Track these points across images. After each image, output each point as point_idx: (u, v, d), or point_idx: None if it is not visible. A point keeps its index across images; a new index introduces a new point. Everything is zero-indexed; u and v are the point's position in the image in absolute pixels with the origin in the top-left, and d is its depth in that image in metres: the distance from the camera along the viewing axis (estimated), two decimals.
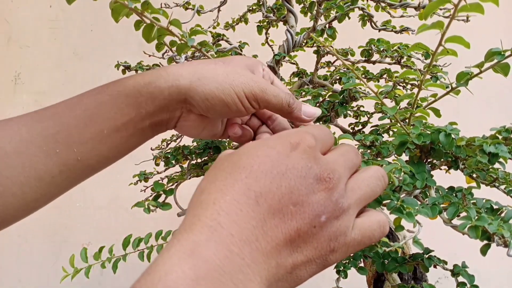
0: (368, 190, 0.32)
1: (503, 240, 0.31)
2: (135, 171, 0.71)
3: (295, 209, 0.27)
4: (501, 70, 0.36)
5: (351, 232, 0.30)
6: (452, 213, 0.36)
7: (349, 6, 0.62)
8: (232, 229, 0.26)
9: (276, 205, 0.27)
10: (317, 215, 0.28)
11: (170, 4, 0.79)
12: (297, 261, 0.28)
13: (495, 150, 0.36)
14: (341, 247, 0.29)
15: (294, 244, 0.27)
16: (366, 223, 0.31)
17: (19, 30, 1.47)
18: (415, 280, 0.59)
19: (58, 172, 0.37)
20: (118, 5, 0.40)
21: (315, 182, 0.28)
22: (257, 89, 0.40)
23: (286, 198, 0.27)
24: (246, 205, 0.27)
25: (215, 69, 0.40)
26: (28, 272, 1.32)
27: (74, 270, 0.53)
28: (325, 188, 0.29)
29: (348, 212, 0.29)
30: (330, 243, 0.29)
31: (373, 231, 0.31)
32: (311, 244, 0.28)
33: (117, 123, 0.39)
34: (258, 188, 0.27)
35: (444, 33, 0.32)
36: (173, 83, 0.39)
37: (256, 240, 0.26)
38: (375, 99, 0.40)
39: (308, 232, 0.28)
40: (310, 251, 0.28)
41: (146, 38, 0.44)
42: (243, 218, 0.26)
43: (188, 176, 0.54)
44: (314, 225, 0.28)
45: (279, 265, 0.27)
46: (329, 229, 0.28)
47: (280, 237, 0.27)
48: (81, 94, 0.40)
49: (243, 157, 0.29)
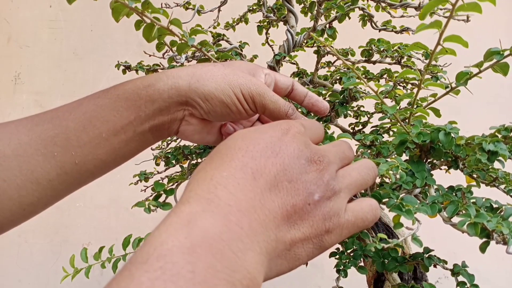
0: (359, 178, 0.33)
1: (502, 237, 0.32)
2: (135, 171, 0.71)
3: (290, 185, 0.29)
4: (500, 69, 0.36)
5: (344, 214, 0.31)
6: (452, 211, 0.36)
7: (349, 6, 0.62)
8: (230, 200, 0.26)
9: (272, 180, 0.28)
10: (311, 193, 0.29)
11: (171, 4, 0.79)
12: (295, 238, 0.28)
13: (494, 148, 0.36)
14: (335, 228, 0.30)
15: (291, 220, 0.28)
16: (358, 206, 0.32)
17: (19, 30, 1.47)
18: (415, 279, 0.59)
19: (55, 175, 0.37)
20: (118, 5, 0.40)
21: (306, 163, 0.30)
22: (255, 92, 0.40)
23: (281, 174, 0.28)
24: (243, 180, 0.27)
25: (214, 70, 0.40)
26: (28, 272, 1.32)
27: (74, 270, 0.53)
28: (316, 169, 0.30)
29: (340, 195, 0.31)
30: (325, 223, 0.29)
31: (366, 213, 0.32)
32: (307, 221, 0.29)
33: (116, 126, 0.39)
34: (254, 165, 0.28)
35: (442, 33, 0.32)
36: (172, 85, 0.39)
37: (255, 212, 0.27)
38: (375, 99, 0.40)
39: (303, 209, 0.29)
40: (306, 229, 0.29)
41: (147, 37, 0.44)
42: (240, 191, 0.27)
43: (188, 176, 0.54)
44: (308, 203, 0.29)
45: (278, 239, 0.27)
46: (323, 208, 0.29)
47: (277, 211, 0.28)
48: (81, 98, 0.40)
49: (238, 140, 0.30)
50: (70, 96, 1.44)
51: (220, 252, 0.23)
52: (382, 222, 0.63)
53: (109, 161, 0.40)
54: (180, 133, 0.43)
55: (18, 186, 0.36)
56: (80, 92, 1.46)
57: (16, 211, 0.37)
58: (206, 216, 0.25)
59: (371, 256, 0.45)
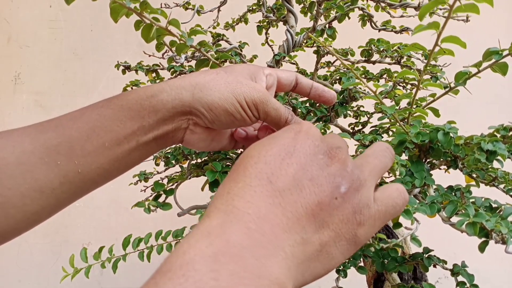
0: (377, 162, 0.32)
1: (501, 236, 0.32)
2: (135, 171, 0.71)
3: (311, 183, 0.27)
4: (499, 69, 0.36)
5: (374, 204, 0.29)
6: (451, 211, 0.36)
7: (349, 6, 0.62)
8: (248, 208, 0.25)
9: (290, 181, 0.27)
10: (337, 186, 0.28)
11: (170, 4, 0.79)
12: (325, 237, 0.27)
13: (493, 147, 0.36)
14: (367, 220, 0.28)
15: (318, 219, 0.27)
16: (385, 193, 0.30)
17: (19, 30, 1.47)
18: (415, 280, 0.59)
19: (58, 184, 0.37)
20: (116, 5, 0.40)
21: (325, 157, 0.29)
22: (258, 99, 0.41)
23: (299, 174, 0.27)
24: (259, 187, 0.27)
25: (216, 79, 0.40)
26: (28, 272, 1.32)
27: (74, 270, 0.53)
28: (338, 160, 0.29)
29: (366, 184, 0.29)
30: (356, 216, 0.28)
31: (395, 198, 0.30)
32: (337, 216, 0.27)
33: (119, 136, 0.39)
34: (268, 170, 0.27)
35: (440, 33, 0.32)
36: (175, 96, 0.39)
37: (276, 217, 0.26)
38: (375, 99, 0.40)
39: (331, 205, 0.27)
40: (337, 225, 0.27)
41: (145, 38, 0.44)
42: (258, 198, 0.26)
43: (188, 176, 0.54)
44: (335, 197, 0.27)
45: (305, 241, 0.26)
46: (351, 200, 0.28)
47: (301, 211, 0.26)
48: (84, 107, 0.40)
49: (251, 150, 0.30)
50: (70, 96, 1.44)
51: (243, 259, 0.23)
52: None
53: (113, 170, 0.40)
54: (185, 142, 0.43)
55: (22, 194, 0.36)
56: (80, 92, 1.47)
57: (20, 219, 0.37)
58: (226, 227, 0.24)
59: (370, 256, 0.45)
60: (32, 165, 0.36)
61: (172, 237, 0.52)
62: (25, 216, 0.37)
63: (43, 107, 1.43)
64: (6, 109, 1.42)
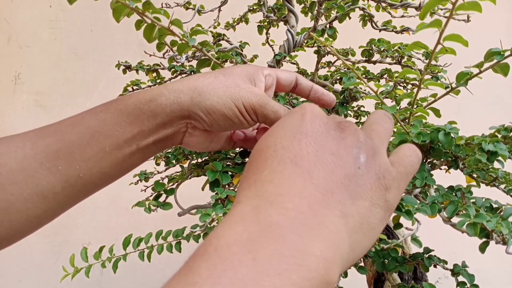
0: (381, 128, 0.32)
1: (502, 237, 0.32)
2: (135, 171, 0.71)
3: (333, 157, 0.27)
4: (501, 70, 0.36)
5: (393, 167, 0.29)
6: (451, 211, 0.36)
7: (349, 6, 0.62)
8: (281, 190, 0.25)
9: (314, 159, 0.27)
10: (356, 157, 0.28)
11: (171, 3, 0.79)
12: (361, 208, 0.27)
13: (494, 148, 0.36)
14: (392, 183, 0.28)
15: (349, 190, 0.26)
16: (399, 154, 0.31)
17: (19, 30, 1.47)
18: (415, 280, 0.59)
19: (60, 188, 0.38)
20: (119, 5, 0.40)
21: (337, 132, 0.29)
22: (256, 104, 0.41)
23: (320, 150, 0.27)
24: (286, 170, 0.26)
25: (215, 82, 0.40)
26: (28, 272, 1.32)
27: (74, 269, 0.53)
28: (349, 132, 0.29)
29: (379, 150, 0.29)
30: (381, 182, 0.28)
31: (410, 157, 0.31)
32: (365, 186, 0.27)
33: (119, 140, 0.39)
34: (290, 153, 0.27)
35: (442, 31, 0.32)
36: (174, 100, 0.39)
37: (311, 194, 0.25)
38: (376, 99, 0.40)
39: (357, 175, 0.27)
40: (368, 193, 0.27)
41: (147, 38, 0.44)
42: (288, 180, 0.26)
43: (188, 176, 0.54)
44: (358, 166, 0.27)
45: (345, 215, 0.26)
46: (372, 168, 0.28)
47: (333, 186, 0.26)
48: (83, 112, 0.40)
49: (262, 142, 0.30)
50: (70, 96, 1.44)
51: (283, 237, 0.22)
52: None
53: (114, 173, 0.41)
54: (184, 144, 0.44)
55: (25, 199, 0.36)
56: (80, 92, 1.47)
57: (24, 223, 0.37)
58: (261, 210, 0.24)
59: (371, 256, 0.45)
60: (34, 170, 0.36)
61: (172, 237, 0.52)
62: (28, 220, 0.37)
63: (43, 107, 1.43)
64: (6, 109, 1.42)
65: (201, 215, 0.40)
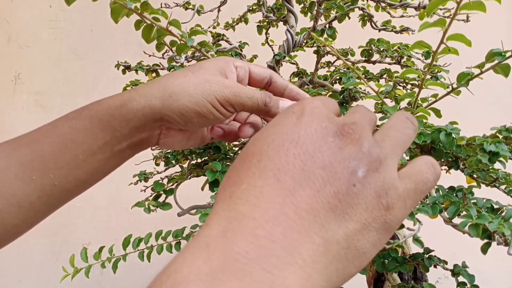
0: (399, 135, 0.28)
1: (504, 238, 0.32)
2: (135, 171, 0.71)
3: (325, 172, 0.24)
4: (502, 70, 0.36)
5: (401, 183, 0.25)
6: (453, 212, 0.36)
7: (349, 6, 0.62)
8: (254, 213, 0.22)
9: (300, 175, 0.23)
10: (353, 171, 0.24)
11: (170, 4, 0.79)
12: (349, 231, 0.23)
13: (496, 149, 0.36)
14: (396, 202, 0.25)
15: (337, 212, 0.23)
16: (413, 169, 0.27)
17: (19, 30, 1.47)
18: (415, 280, 0.59)
19: (36, 198, 0.38)
20: (117, 6, 0.40)
21: (336, 139, 0.25)
22: (230, 94, 0.40)
23: (309, 164, 0.24)
24: (266, 186, 0.23)
25: (185, 81, 0.40)
26: (28, 272, 1.32)
27: (74, 270, 0.53)
28: (351, 140, 0.25)
29: (387, 162, 0.25)
30: (381, 200, 0.24)
31: (424, 173, 0.27)
32: (359, 205, 0.24)
33: (92, 147, 0.39)
34: (273, 166, 0.24)
35: (446, 31, 0.32)
36: (145, 104, 0.39)
37: (288, 218, 0.22)
38: (376, 99, 0.40)
39: (350, 193, 0.24)
40: (361, 215, 0.24)
41: (146, 38, 0.44)
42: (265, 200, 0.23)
43: (188, 176, 0.54)
44: (353, 184, 0.24)
45: (327, 241, 0.23)
46: (373, 184, 0.24)
47: (317, 207, 0.23)
48: (56, 119, 0.40)
49: (250, 146, 0.26)
50: (70, 96, 1.44)
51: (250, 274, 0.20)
52: None
53: (89, 179, 0.40)
54: (161, 144, 0.43)
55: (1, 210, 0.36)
56: (80, 92, 1.46)
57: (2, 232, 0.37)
58: (228, 236, 0.21)
59: None
60: (9, 181, 0.36)
61: (172, 237, 0.52)
62: (6, 229, 0.37)
63: (43, 107, 1.43)
64: (6, 109, 1.42)
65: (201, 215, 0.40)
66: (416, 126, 0.29)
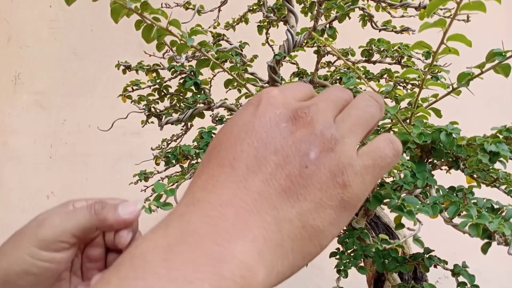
0: (359, 113, 0.28)
1: (504, 238, 0.32)
2: (135, 170, 0.71)
3: (276, 157, 0.25)
4: (502, 70, 0.36)
5: (358, 160, 0.26)
6: (453, 212, 0.36)
7: (349, 6, 0.62)
8: (209, 198, 0.24)
9: (253, 162, 0.24)
10: (305, 153, 0.25)
11: (171, 4, 0.79)
12: (303, 210, 0.24)
13: (496, 149, 0.36)
14: (353, 180, 0.25)
15: (290, 193, 0.24)
16: (371, 146, 0.27)
17: (19, 30, 1.47)
18: (415, 280, 0.59)
19: None
20: (117, 6, 0.40)
21: (289, 124, 0.26)
22: (39, 246, 0.34)
23: (261, 151, 0.25)
24: (222, 174, 0.25)
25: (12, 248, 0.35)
26: None
27: None
28: (303, 124, 0.26)
29: (344, 141, 0.26)
30: (337, 179, 0.25)
31: (382, 149, 0.27)
32: (313, 186, 0.24)
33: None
34: (230, 156, 0.25)
35: (446, 31, 0.32)
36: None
37: (240, 201, 0.23)
38: None
39: (302, 175, 0.24)
40: (315, 194, 0.24)
41: (146, 38, 0.44)
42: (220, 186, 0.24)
43: (188, 176, 0.54)
44: (305, 165, 0.24)
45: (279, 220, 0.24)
46: (327, 164, 0.25)
47: (269, 190, 0.24)
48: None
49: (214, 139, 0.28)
50: (70, 96, 1.44)
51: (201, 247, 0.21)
52: (382, 222, 0.63)
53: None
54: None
55: None
56: (80, 92, 1.46)
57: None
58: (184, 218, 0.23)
59: (371, 256, 0.45)
60: None
61: None
62: None
63: (43, 107, 1.43)
64: (6, 109, 1.42)
65: None
66: (382, 104, 0.29)
